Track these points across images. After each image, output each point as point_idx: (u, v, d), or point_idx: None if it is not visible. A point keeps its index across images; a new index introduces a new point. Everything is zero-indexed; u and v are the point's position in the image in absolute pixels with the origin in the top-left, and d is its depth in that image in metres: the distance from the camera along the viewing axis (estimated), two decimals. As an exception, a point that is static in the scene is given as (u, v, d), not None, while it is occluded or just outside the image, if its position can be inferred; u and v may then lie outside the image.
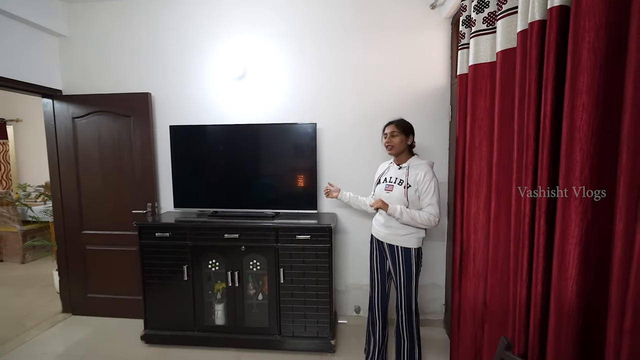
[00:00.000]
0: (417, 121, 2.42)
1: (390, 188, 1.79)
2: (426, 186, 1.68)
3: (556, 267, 0.87)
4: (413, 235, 1.75)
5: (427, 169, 1.73)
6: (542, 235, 0.94)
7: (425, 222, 1.67)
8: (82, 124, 2.60)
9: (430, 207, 1.68)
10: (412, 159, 1.81)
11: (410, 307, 1.81)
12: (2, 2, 2.16)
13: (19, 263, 4.02)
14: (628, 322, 0.65)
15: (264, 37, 2.50)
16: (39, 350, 2.28)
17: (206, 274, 2.28)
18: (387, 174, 1.86)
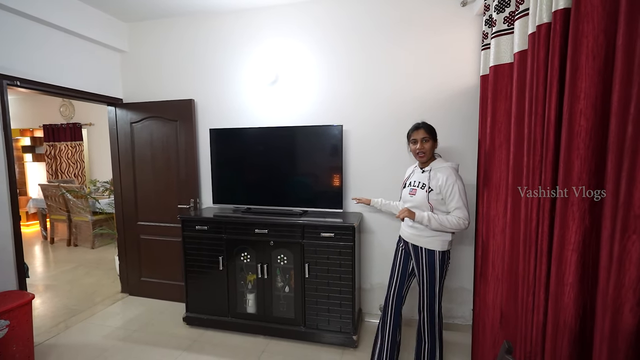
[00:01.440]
0: (447, 121, 2.41)
1: (414, 192, 1.78)
2: (450, 190, 1.64)
3: (554, 272, 0.87)
4: (437, 237, 1.72)
5: (449, 172, 1.68)
6: (544, 240, 0.93)
7: (454, 226, 1.63)
8: (137, 128, 2.97)
9: (457, 210, 1.64)
10: (435, 162, 1.77)
11: (433, 310, 1.78)
12: (80, 28, 2.57)
13: (90, 248, 4.67)
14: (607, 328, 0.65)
15: (294, 44, 2.64)
16: (103, 322, 2.67)
17: (239, 265, 2.49)
18: (412, 178, 1.85)
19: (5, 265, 2.16)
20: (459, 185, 1.65)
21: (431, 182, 1.71)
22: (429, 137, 1.73)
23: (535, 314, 0.97)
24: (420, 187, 1.76)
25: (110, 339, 2.43)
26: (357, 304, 2.47)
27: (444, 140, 2.43)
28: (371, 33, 2.49)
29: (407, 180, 1.89)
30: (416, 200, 1.76)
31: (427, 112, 2.44)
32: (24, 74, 2.26)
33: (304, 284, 2.33)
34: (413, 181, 1.82)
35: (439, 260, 1.74)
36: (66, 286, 3.43)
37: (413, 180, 1.83)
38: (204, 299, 2.54)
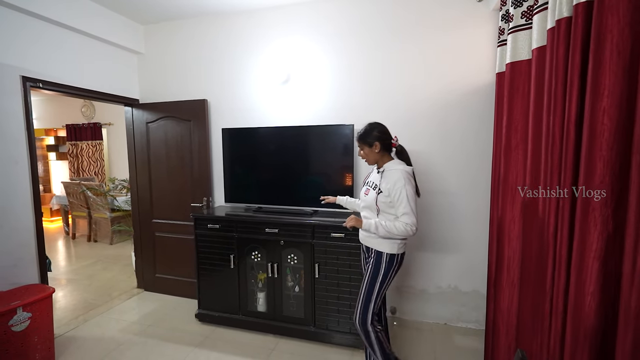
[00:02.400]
0: (460, 121, 2.34)
1: (367, 192, 1.76)
2: (397, 194, 1.58)
3: (574, 281, 0.82)
4: (387, 239, 1.68)
5: (399, 175, 1.61)
6: (564, 246, 0.88)
7: (402, 232, 1.58)
8: (153, 128, 3.03)
9: (405, 216, 1.58)
10: (389, 163, 1.71)
11: (366, 313, 1.70)
12: (99, 31, 2.65)
13: (109, 244, 4.82)
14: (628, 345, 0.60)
15: (305, 43, 2.62)
16: (120, 317, 2.75)
17: (250, 264, 2.50)
18: (370, 177, 1.82)
19: (28, 260, 2.25)
20: (407, 190, 1.58)
21: (382, 184, 1.66)
22: (362, 144, 1.73)
23: (554, 323, 0.92)
24: (372, 187, 1.73)
25: (126, 332, 2.50)
26: (367, 306, 2.44)
27: (456, 141, 2.37)
28: (383, 31, 2.45)
29: (366, 179, 1.86)
30: (367, 201, 1.74)
31: (439, 111, 2.39)
32: (46, 76, 2.34)
33: (314, 284, 2.32)
34: (369, 181, 1.80)
35: (386, 263, 1.69)
36: (86, 280, 3.55)
37: (370, 180, 1.81)
38: (215, 297, 2.58)
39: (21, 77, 2.19)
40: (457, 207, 2.42)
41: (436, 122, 2.41)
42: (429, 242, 2.51)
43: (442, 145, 2.41)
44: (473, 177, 2.37)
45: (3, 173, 2.11)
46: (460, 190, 2.41)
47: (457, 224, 2.44)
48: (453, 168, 2.41)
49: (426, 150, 2.45)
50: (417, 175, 2.46)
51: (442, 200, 2.45)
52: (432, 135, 2.42)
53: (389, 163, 1.71)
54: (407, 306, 2.61)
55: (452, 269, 2.48)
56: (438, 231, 2.48)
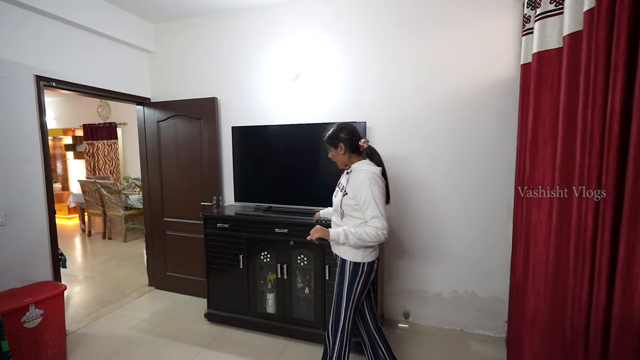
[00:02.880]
0: (479, 117, 2.23)
1: (336, 194, 1.67)
2: (363, 197, 1.47)
3: (619, 292, 0.72)
4: (347, 248, 1.57)
5: (364, 176, 1.50)
6: (605, 252, 0.79)
7: (374, 238, 1.46)
8: (164, 126, 3.03)
9: (375, 220, 1.46)
10: (357, 164, 1.61)
11: (337, 324, 1.60)
12: (111, 30, 2.65)
13: (122, 241, 4.88)
14: None
15: (315, 39, 2.55)
16: (131, 314, 2.75)
17: (259, 264, 2.46)
18: (341, 179, 1.72)
19: (41, 257, 2.28)
20: (374, 192, 1.46)
21: (348, 185, 1.56)
22: (328, 146, 1.66)
23: (592, 338, 0.82)
24: (340, 189, 1.64)
25: (136, 330, 2.49)
26: (379, 309, 2.36)
27: (474, 138, 2.25)
28: (395, 26, 2.35)
29: (339, 181, 1.75)
30: (334, 203, 1.65)
31: (456, 107, 2.28)
32: (59, 75, 2.35)
33: (324, 286, 2.25)
34: (339, 182, 1.71)
35: (350, 272, 1.57)
36: (99, 277, 3.59)
37: (340, 181, 1.71)
38: (224, 297, 2.54)
39: (34, 77, 2.21)
40: (476, 207, 2.31)
41: (452, 119, 2.30)
42: (444, 243, 2.40)
43: (459, 144, 2.30)
44: (492, 176, 2.25)
45: (16, 171, 2.13)
46: (478, 189, 2.29)
47: (475, 225, 2.32)
48: (471, 166, 2.29)
49: (441, 149, 2.34)
50: (431, 173, 2.40)
51: (459, 200, 2.34)
52: (448, 133, 2.31)
53: (356, 164, 1.61)
54: (420, 310, 2.51)
55: (469, 273, 2.37)
56: (454, 232, 2.37)
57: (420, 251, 2.46)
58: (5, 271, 2.07)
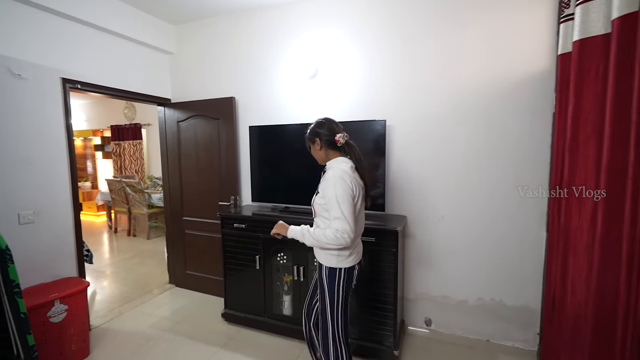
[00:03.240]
0: (504, 115, 2.08)
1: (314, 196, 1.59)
2: (328, 197, 1.38)
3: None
4: (325, 251, 1.50)
5: (331, 174, 1.42)
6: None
7: (332, 241, 1.36)
8: (183, 127, 3.06)
9: (336, 221, 1.36)
10: (331, 161, 1.54)
11: (326, 331, 1.54)
12: (133, 32, 2.71)
13: (146, 239, 5.03)
14: None
15: (333, 36, 2.49)
16: (151, 311, 2.80)
17: (275, 265, 2.42)
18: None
19: (67, 254, 2.35)
20: (338, 191, 1.36)
21: (320, 184, 1.50)
22: (307, 142, 1.60)
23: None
24: (318, 192, 1.55)
25: (155, 328, 2.53)
26: (399, 315, 2.26)
27: (502, 136, 2.10)
28: (415, 20, 2.24)
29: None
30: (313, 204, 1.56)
31: (480, 104, 2.14)
32: (84, 77, 2.42)
33: (341, 290, 2.18)
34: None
35: (327, 277, 1.50)
36: (123, 273, 3.70)
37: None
38: (241, 297, 2.53)
39: (61, 79, 2.28)
40: (504, 209, 2.16)
41: (477, 117, 2.16)
42: (468, 247, 2.27)
43: (484, 142, 2.16)
44: (522, 176, 2.09)
45: (45, 171, 2.20)
46: (505, 190, 2.14)
47: (502, 229, 2.17)
48: (498, 166, 2.15)
49: (466, 148, 2.21)
50: (454, 172, 2.26)
51: (485, 201, 2.20)
52: (473, 131, 2.18)
53: (331, 161, 1.54)
54: (443, 318, 2.38)
55: (496, 280, 2.22)
56: (480, 236, 2.23)
57: (442, 255, 2.34)
58: (35, 267, 2.15)
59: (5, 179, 2.00)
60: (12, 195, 2.03)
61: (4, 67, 1.97)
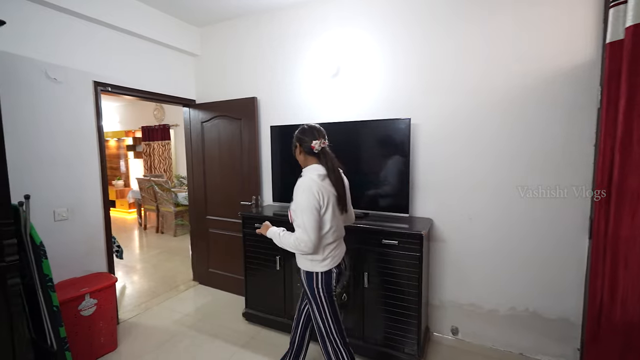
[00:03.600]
0: (542, 111, 1.93)
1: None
2: (297, 202, 1.44)
3: None
4: (300, 255, 1.56)
5: (300, 182, 1.47)
6: None
7: (291, 246, 1.45)
8: (207, 127, 3.11)
9: (298, 229, 1.43)
10: (305, 168, 1.57)
11: (321, 333, 1.59)
12: (161, 36, 2.79)
13: (173, 236, 5.20)
14: None
15: (356, 33, 2.42)
16: (175, 308, 2.88)
17: (295, 266, 2.38)
18: None
19: (97, 250, 2.45)
20: (303, 202, 1.41)
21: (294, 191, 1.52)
22: (294, 146, 1.64)
23: None
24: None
25: (179, 324, 2.59)
26: (423, 322, 2.16)
27: (537, 134, 1.95)
28: (441, 15, 2.12)
29: None
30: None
31: (512, 99, 1.99)
32: (114, 80, 2.51)
33: (363, 294, 2.11)
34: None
35: (305, 280, 1.56)
36: (151, 269, 3.84)
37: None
38: (261, 297, 2.53)
39: (93, 82, 2.38)
40: (540, 212, 2.00)
41: (508, 113, 2.01)
42: (500, 252, 2.12)
43: (516, 140, 2.01)
44: (561, 176, 1.93)
45: (77, 170, 2.30)
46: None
47: (538, 233, 2.01)
48: (531, 166, 1.99)
49: (497, 147, 2.06)
50: (483, 173, 2.12)
51: (520, 203, 2.05)
52: (506, 129, 2.03)
53: (306, 168, 1.57)
54: (471, 327, 2.25)
55: (531, 289, 2.06)
56: (513, 241, 2.08)
57: (470, 260, 2.21)
58: (68, 262, 2.26)
59: (42, 177, 2.11)
60: (48, 193, 2.14)
61: (41, 71, 2.08)
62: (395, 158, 2.20)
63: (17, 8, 1.97)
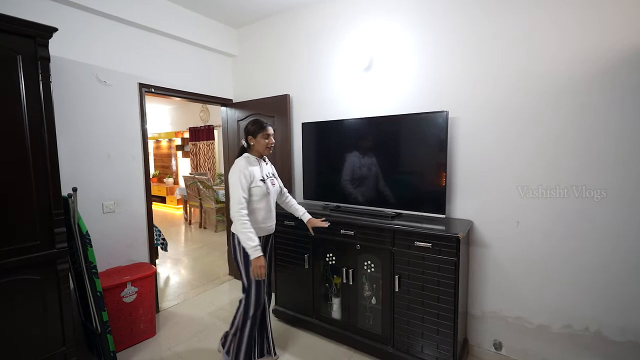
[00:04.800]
0: (607, 100, 1.64)
1: (274, 182, 1.99)
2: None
3: None
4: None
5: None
6: None
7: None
8: (243, 125, 3.18)
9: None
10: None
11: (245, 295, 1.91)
12: (202, 39, 2.92)
13: (214, 231, 5.45)
14: None
15: (390, 23, 2.30)
16: (211, 300, 2.98)
17: (324, 266, 2.34)
18: (264, 172, 1.92)
19: (141, 241, 2.63)
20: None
21: (275, 172, 2.08)
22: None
23: None
24: (275, 177, 2.05)
25: (213, 317, 2.67)
26: (461, 333, 1.98)
27: (596, 126, 1.67)
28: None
29: (261, 175, 1.88)
30: (276, 189, 2.01)
31: (570, 87, 1.73)
32: (157, 81, 2.67)
33: (393, 299, 2.00)
34: (267, 173, 1.95)
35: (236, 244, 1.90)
36: (192, 262, 4.05)
37: (266, 173, 1.94)
38: (290, 295, 2.52)
39: (138, 84, 2.55)
40: (604, 216, 1.71)
41: (565, 102, 1.76)
42: (554, 260, 1.86)
43: (576, 133, 1.74)
44: (630, 175, 1.63)
45: (124, 167, 2.48)
46: (608, 193, 1.70)
47: (602, 240, 1.73)
48: (595, 163, 1.71)
49: (549, 141, 1.81)
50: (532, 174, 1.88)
51: (578, 205, 1.77)
52: (560, 119, 1.77)
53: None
54: (517, 343, 2.01)
55: (593, 305, 1.78)
56: (569, 247, 1.82)
57: (517, 268, 1.97)
58: (114, 252, 2.44)
59: (92, 172, 2.31)
60: (97, 187, 2.34)
61: (92, 75, 2.27)
62: (431, 154, 2.04)
63: (71, 17, 2.16)
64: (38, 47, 1.58)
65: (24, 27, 1.54)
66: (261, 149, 1.89)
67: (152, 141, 8.41)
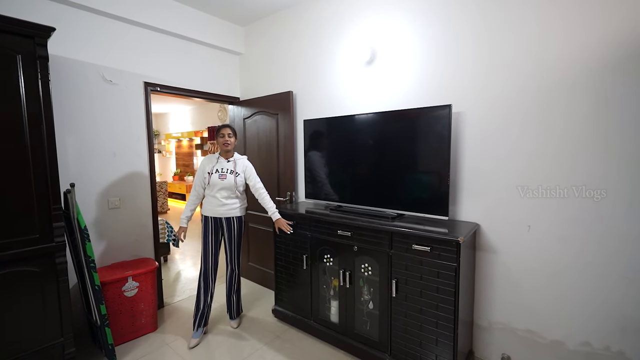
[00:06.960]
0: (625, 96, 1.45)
1: (224, 177, 2.26)
2: (253, 172, 2.37)
3: None
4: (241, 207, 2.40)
5: (247, 161, 2.40)
6: None
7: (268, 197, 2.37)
8: (248, 123, 3.18)
9: (259, 184, 2.37)
10: (235, 155, 2.37)
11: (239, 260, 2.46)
12: (208, 37, 2.94)
13: (227, 229, 5.51)
14: None
15: (392, 15, 2.18)
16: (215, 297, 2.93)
17: (322, 267, 2.27)
18: (218, 166, 2.27)
19: (145, 237, 2.68)
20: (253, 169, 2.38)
21: (237, 169, 2.31)
22: (232, 134, 2.32)
23: None
24: (228, 172, 2.27)
25: (215, 313, 2.68)
26: (466, 344, 1.85)
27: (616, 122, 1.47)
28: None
29: (212, 169, 2.27)
30: (226, 183, 2.26)
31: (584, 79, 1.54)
32: (163, 80, 2.71)
33: (390, 304, 1.89)
34: (220, 169, 2.27)
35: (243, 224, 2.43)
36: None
37: (220, 167, 2.27)
38: (290, 296, 2.47)
39: (144, 83, 2.60)
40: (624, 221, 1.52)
41: (580, 95, 1.57)
42: (569, 269, 1.68)
43: (592, 130, 1.56)
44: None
45: (129, 165, 2.54)
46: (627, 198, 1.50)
47: (624, 250, 1.54)
48: (613, 164, 1.52)
49: (563, 139, 1.63)
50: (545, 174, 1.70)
51: (597, 209, 1.59)
52: (575, 115, 1.59)
53: (235, 154, 2.39)
54: (528, 358, 1.84)
55: (615, 322, 1.59)
56: (585, 255, 1.63)
57: (528, 277, 1.81)
58: (119, 247, 2.51)
59: (98, 169, 2.37)
60: (103, 184, 2.40)
61: (99, 74, 2.33)
62: (433, 151, 1.91)
63: (76, 18, 2.23)
64: (37, 47, 1.63)
65: (23, 27, 1.59)
66: (220, 147, 2.32)
67: (174, 140, 8.68)
